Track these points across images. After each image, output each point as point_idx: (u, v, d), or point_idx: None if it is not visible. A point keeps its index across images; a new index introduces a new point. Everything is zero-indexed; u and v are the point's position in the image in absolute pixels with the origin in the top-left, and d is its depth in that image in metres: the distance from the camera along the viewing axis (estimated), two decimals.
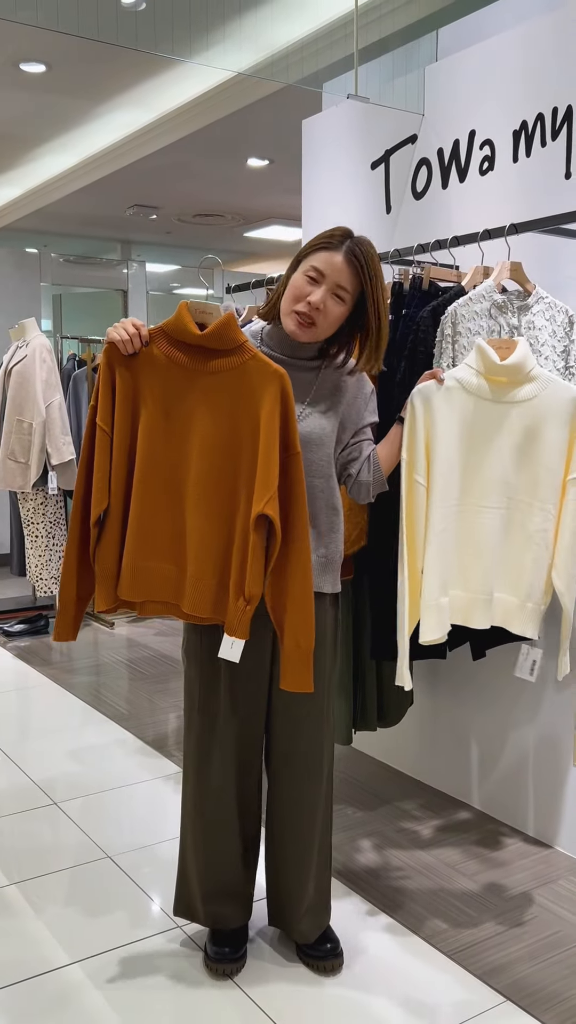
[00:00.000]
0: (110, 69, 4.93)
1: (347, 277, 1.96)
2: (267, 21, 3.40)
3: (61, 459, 5.01)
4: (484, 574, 2.15)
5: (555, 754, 2.80)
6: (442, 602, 2.13)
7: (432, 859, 2.74)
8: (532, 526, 2.12)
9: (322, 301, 1.96)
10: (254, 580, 1.90)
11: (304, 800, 2.17)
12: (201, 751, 2.15)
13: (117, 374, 1.95)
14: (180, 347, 1.94)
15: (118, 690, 4.33)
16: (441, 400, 2.10)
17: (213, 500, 1.94)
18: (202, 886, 2.19)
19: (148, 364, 1.95)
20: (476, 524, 2.14)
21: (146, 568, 1.98)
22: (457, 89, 3.03)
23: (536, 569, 2.13)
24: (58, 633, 2.06)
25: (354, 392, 2.12)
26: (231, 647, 1.94)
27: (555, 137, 2.70)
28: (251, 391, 1.90)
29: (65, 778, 3.32)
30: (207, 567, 1.95)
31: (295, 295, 1.99)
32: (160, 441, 1.95)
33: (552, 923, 2.41)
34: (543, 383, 2.10)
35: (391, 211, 3.32)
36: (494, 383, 2.10)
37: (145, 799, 3.16)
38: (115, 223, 8.39)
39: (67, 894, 2.54)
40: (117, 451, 1.96)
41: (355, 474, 2.12)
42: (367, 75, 3.35)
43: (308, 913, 2.21)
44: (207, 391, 1.93)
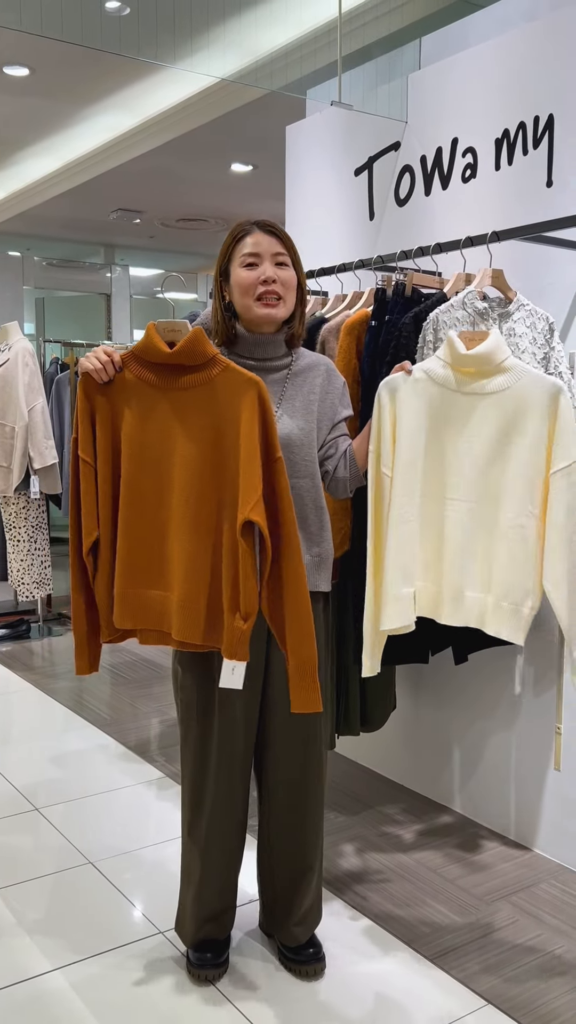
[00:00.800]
0: (94, 73, 4.93)
1: (277, 244, 2.04)
2: (251, 27, 3.41)
3: (44, 463, 5.00)
4: (451, 568, 2.08)
5: (536, 758, 2.82)
6: (402, 593, 2.08)
7: (414, 863, 2.75)
8: (505, 521, 2.02)
9: (274, 272, 2.01)
10: (248, 594, 1.87)
11: (305, 805, 2.16)
12: (199, 762, 2.12)
13: (95, 403, 1.96)
14: (152, 368, 1.94)
15: (100, 695, 4.32)
16: (408, 391, 2.08)
17: (197, 520, 1.91)
18: (199, 909, 2.18)
19: (123, 389, 1.95)
20: (442, 516, 2.09)
21: (134, 595, 1.97)
22: (440, 97, 3.05)
23: (512, 566, 2.01)
24: (78, 667, 2.05)
25: (325, 388, 2.13)
26: (232, 672, 1.88)
27: (536, 146, 2.72)
28: (227, 402, 1.90)
29: (47, 784, 3.30)
30: (196, 590, 1.92)
31: (247, 287, 2.02)
32: (141, 464, 1.94)
33: (533, 926, 2.43)
34: (517, 374, 2.01)
35: (374, 218, 3.34)
36: (461, 373, 2.05)
37: (127, 805, 3.15)
38: (98, 227, 8.38)
39: (49, 900, 2.53)
40: (102, 480, 1.96)
41: (332, 470, 2.13)
42: (351, 82, 3.36)
43: (306, 918, 2.22)
44: (182, 408, 1.92)
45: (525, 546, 2.01)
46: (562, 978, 2.21)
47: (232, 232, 2.07)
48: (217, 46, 3.32)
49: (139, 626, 1.99)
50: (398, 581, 2.09)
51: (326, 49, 3.54)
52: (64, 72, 4.88)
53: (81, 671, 2.05)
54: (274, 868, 2.22)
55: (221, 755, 2.10)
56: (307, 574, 2.00)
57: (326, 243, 3.52)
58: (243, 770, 2.14)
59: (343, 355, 2.57)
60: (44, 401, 5.06)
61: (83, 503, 1.97)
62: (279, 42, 3.54)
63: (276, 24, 3.49)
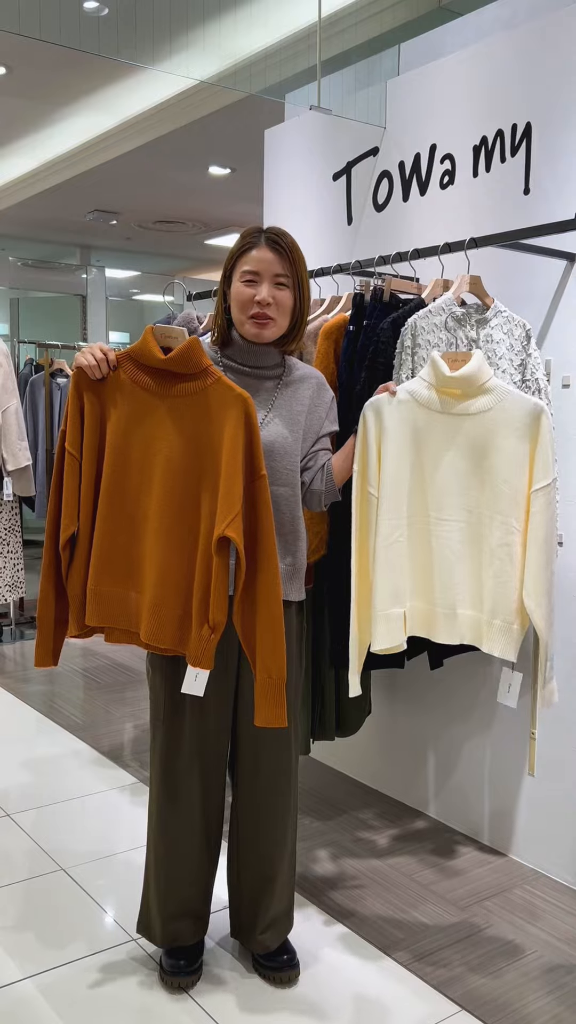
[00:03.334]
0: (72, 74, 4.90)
1: (280, 264, 2.03)
2: (230, 30, 3.40)
3: (17, 465, 4.95)
4: (444, 588, 2.12)
5: (510, 764, 2.83)
6: (391, 612, 2.11)
7: (388, 869, 2.75)
8: (493, 540, 2.07)
9: (269, 295, 2.01)
10: (218, 606, 1.88)
11: (272, 811, 2.16)
12: (167, 761, 2.12)
13: (85, 399, 1.97)
14: (146, 371, 1.95)
15: (73, 700, 4.28)
16: (392, 412, 2.10)
17: (175, 526, 1.93)
18: (163, 905, 2.17)
19: (115, 389, 1.96)
20: (432, 537, 2.12)
21: (106, 594, 1.97)
22: (418, 103, 3.06)
23: (499, 585, 2.06)
24: (39, 658, 2.04)
25: (315, 400, 2.14)
26: (195, 679, 1.91)
27: (514, 153, 2.74)
28: (214, 415, 1.91)
29: (18, 789, 3.27)
30: (168, 595, 1.93)
31: (242, 304, 2.03)
32: (124, 465, 1.95)
33: (507, 932, 2.43)
34: (499, 395, 2.06)
35: (352, 222, 3.34)
36: (446, 395, 2.08)
37: (100, 810, 3.12)
38: (75, 228, 8.33)
39: (20, 907, 2.50)
40: (86, 475, 1.97)
41: (308, 482, 2.14)
42: (329, 87, 3.37)
43: (273, 924, 2.20)
44: (171, 415, 1.93)
45: (512, 564, 2.05)
46: (536, 983, 2.21)
47: (242, 238, 2.06)
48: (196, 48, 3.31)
49: (108, 624, 2.00)
50: (388, 601, 2.11)
51: (305, 53, 3.54)
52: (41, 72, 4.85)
53: (43, 663, 2.04)
54: (241, 873, 2.21)
55: (190, 755, 2.10)
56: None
57: (304, 247, 3.49)
58: (214, 772, 2.14)
59: (320, 359, 2.57)
60: (18, 402, 5.01)
61: (64, 496, 1.97)
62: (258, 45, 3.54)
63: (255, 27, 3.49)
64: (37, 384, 5.64)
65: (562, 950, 2.35)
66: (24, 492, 5.05)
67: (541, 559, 2.03)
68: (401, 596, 2.13)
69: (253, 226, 2.08)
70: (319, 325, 2.65)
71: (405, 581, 2.13)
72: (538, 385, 2.46)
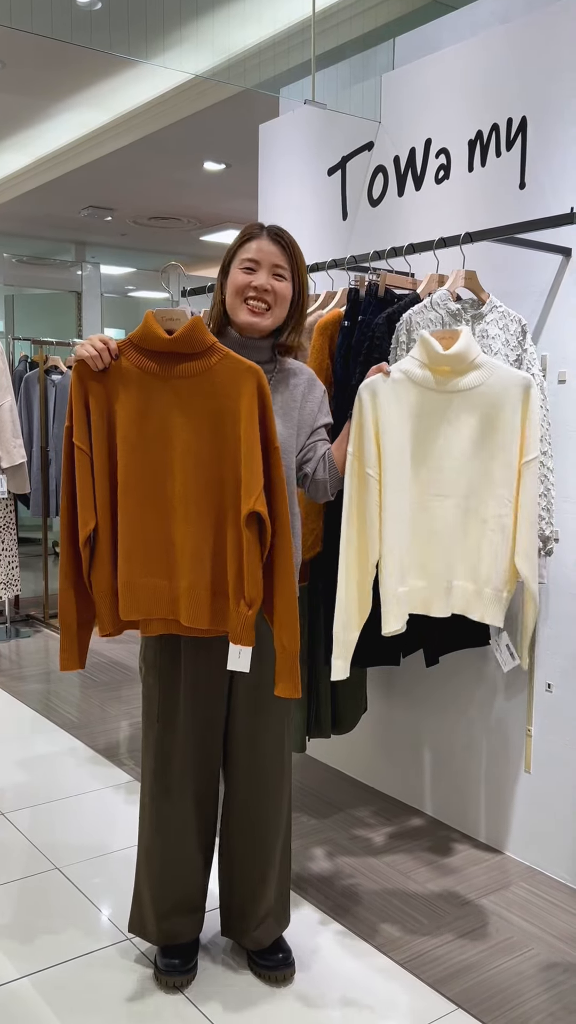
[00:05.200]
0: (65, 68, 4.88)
1: (279, 256, 2.03)
2: (224, 25, 3.38)
3: (12, 462, 4.93)
4: (443, 562, 2.15)
5: (507, 761, 2.82)
6: (400, 592, 2.13)
7: (384, 866, 2.74)
8: (488, 512, 2.12)
9: (267, 282, 2.00)
10: (253, 583, 1.88)
11: (265, 808, 2.15)
12: (160, 759, 2.12)
13: (89, 391, 1.93)
14: (150, 355, 1.92)
15: (69, 698, 4.27)
16: (388, 393, 2.10)
17: (201, 507, 1.91)
18: (157, 903, 2.16)
19: (120, 377, 1.93)
20: (432, 513, 2.14)
21: (140, 585, 1.94)
22: (413, 98, 3.04)
23: (493, 556, 2.12)
24: (64, 662, 2.01)
25: (306, 394, 2.13)
26: (239, 656, 1.91)
27: (509, 148, 2.72)
28: (227, 390, 1.89)
29: (13, 788, 3.26)
30: (201, 577, 1.92)
31: (239, 289, 2.02)
32: (140, 453, 1.92)
33: (503, 929, 2.42)
34: (489, 370, 2.10)
35: (347, 217, 3.33)
36: (439, 373, 2.11)
37: (95, 809, 3.11)
38: (69, 224, 8.30)
39: (15, 906, 2.49)
40: (99, 468, 1.93)
41: (311, 473, 2.13)
42: (324, 81, 3.35)
43: (265, 920, 2.19)
44: (182, 396, 1.91)
45: (504, 535, 2.13)
46: (533, 981, 2.20)
47: (242, 232, 2.06)
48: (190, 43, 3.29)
49: (146, 615, 1.97)
50: (396, 581, 2.13)
51: (300, 48, 3.53)
52: (35, 67, 4.82)
53: (70, 666, 2.01)
54: (234, 870, 2.21)
55: (183, 752, 2.09)
56: None
57: (299, 242, 3.47)
58: (208, 768, 2.13)
59: (315, 355, 2.56)
60: (12, 399, 4.99)
61: (79, 492, 1.93)
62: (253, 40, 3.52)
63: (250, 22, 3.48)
64: (32, 381, 5.63)
65: (558, 948, 2.34)
66: (19, 489, 5.04)
67: (531, 527, 2.13)
68: (405, 576, 2.15)
69: (255, 222, 2.08)
70: (314, 320, 2.63)
71: (407, 559, 2.15)
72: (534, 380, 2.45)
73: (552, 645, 2.67)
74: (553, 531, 2.48)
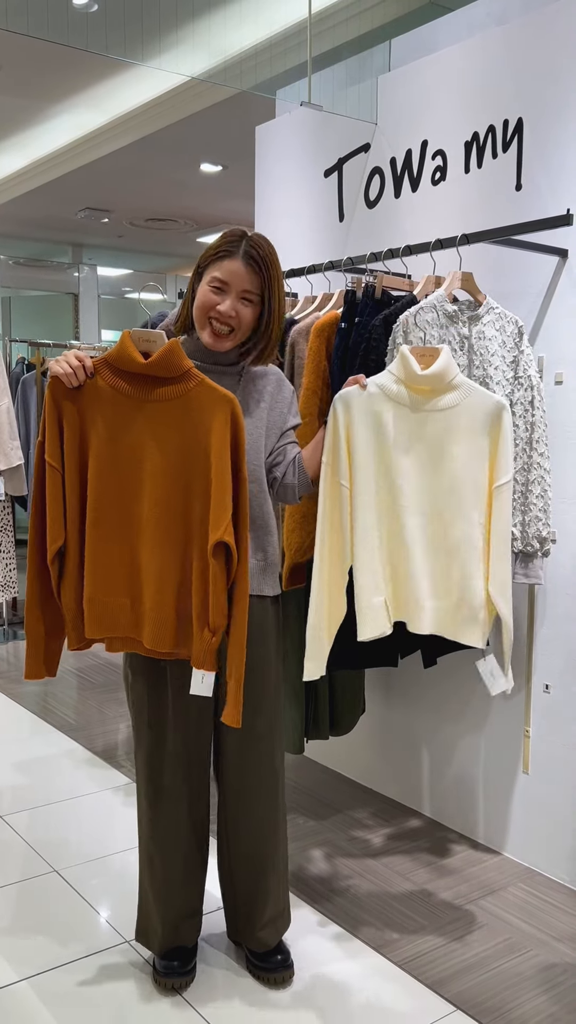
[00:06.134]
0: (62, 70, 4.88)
1: (250, 281, 1.97)
2: (221, 26, 3.38)
3: (9, 464, 4.93)
4: (411, 580, 2.14)
5: (505, 762, 2.82)
6: (375, 601, 2.13)
7: (383, 867, 2.74)
8: (454, 536, 2.12)
9: (232, 308, 1.97)
10: (218, 610, 1.88)
11: (260, 810, 2.15)
12: (152, 765, 2.11)
13: (63, 409, 1.92)
14: (125, 377, 1.91)
15: (67, 700, 4.27)
16: (361, 406, 2.11)
17: (168, 530, 1.91)
18: (164, 911, 2.16)
19: (94, 396, 1.92)
20: (401, 527, 2.14)
21: (104, 603, 1.95)
22: (410, 99, 3.05)
23: (464, 579, 2.12)
24: (29, 669, 2.01)
25: (275, 396, 2.12)
26: (201, 681, 1.91)
27: (506, 149, 2.73)
28: (200, 418, 1.88)
29: (11, 790, 3.25)
30: (165, 599, 1.92)
31: (204, 307, 1.99)
32: (111, 473, 1.92)
33: (502, 930, 2.42)
34: (465, 391, 2.11)
35: (344, 219, 3.33)
36: (415, 391, 2.11)
37: (94, 811, 3.11)
38: (66, 226, 8.30)
39: (14, 909, 2.49)
40: (70, 486, 1.93)
41: (280, 477, 2.12)
42: (320, 83, 3.35)
43: (271, 922, 2.20)
44: (155, 420, 1.90)
45: (475, 555, 2.12)
46: (532, 982, 2.20)
47: (224, 238, 1.99)
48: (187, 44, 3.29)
49: (108, 634, 1.98)
50: (370, 590, 2.13)
51: (296, 49, 3.53)
52: (31, 68, 4.82)
53: (34, 675, 2.01)
54: (233, 873, 2.21)
55: (174, 757, 2.09)
56: (252, 578, 2.04)
57: (296, 244, 3.51)
58: (199, 773, 2.13)
59: (312, 357, 2.56)
60: (10, 402, 4.99)
61: (49, 509, 1.93)
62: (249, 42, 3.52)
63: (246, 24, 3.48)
64: (29, 383, 5.62)
65: (557, 949, 2.35)
66: (16, 491, 5.03)
67: (502, 551, 2.12)
68: (380, 585, 2.15)
69: (237, 229, 2.01)
70: (311, 322, 2.64)
71: (383, 569, 2.15)
72: (531, 382, 2.46)
73: (550, 646, 2.67)
74: (550, 532, 2.48)
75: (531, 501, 2.45)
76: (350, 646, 2.52)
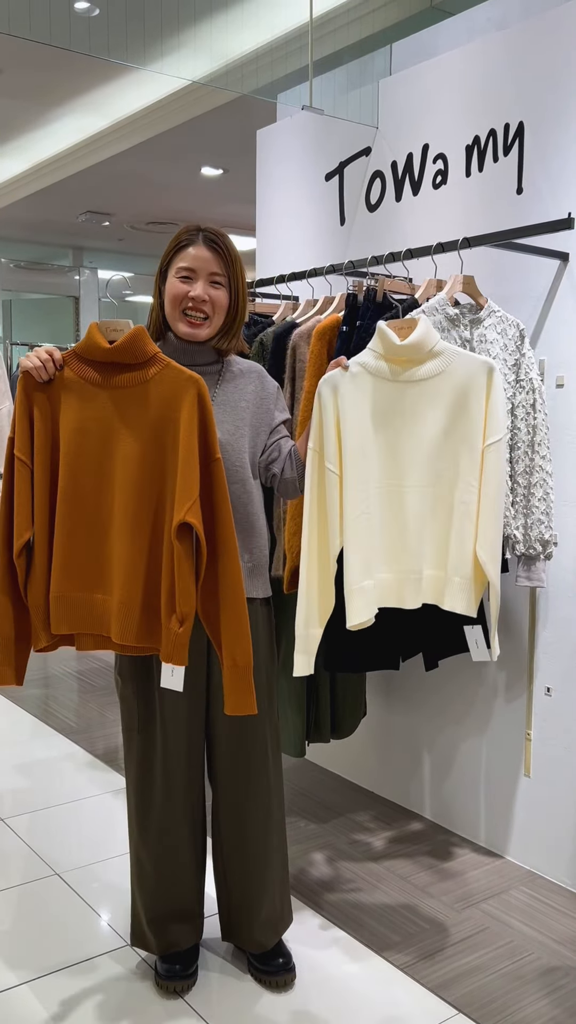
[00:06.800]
0: (63, 74, 4.89)
1: (216, 263, 2.00)
2: (222, 30, 3.39)
3: None
4: (413, 553, 2.13)
5: (506, 765, 2.82)
6: (365, 585, 2.10)
7: (384, 871, 2.74)
8: (456, 498, 2.10)
9: (204, 292, 1.99)
10: (184, 596, 1.83)
11: (253, 811, 2.15)
12: (142, 768, 2.11)
13: (34, 402, 1.92)
14: (92, 365, 1.91)
15: (67, 703, 4.27)
16: (348, 386, 2.09)
17: (140, 520, 1.88)
18: (152, 912, 2.16)
19: (63, 388, 1.92)
20: (400, 504, 2.12)
21: (72, 598, 1.92)
22: (411, 103, 3.05)
23: (460, 541, 2.09)
24: (3, 677, 1.96)
25: (259, 393, 2.12)
26: (171, 675, 1.87)
27: (507, 153, 2.73)
28: (167, 401, 1.87)
29: (12, 793, 3.25)
30: (133, 593, 1.88)
31: (176, 299, 2.00)
32: (80, 464, 1.90)
33: (503, 933, 2.42)
34: (448, 357, 2.08)
35: (345, 223, 3.33)
36: (395, 363, 2.09)
37: (94, 814, 3.11)
38: (67, 229, 8.31)
39: (14, 912, 2.49)
40: (40, 480, 1.91)
41: (279, 473, 2.12)
42: (322, 87, 3.36)
43: (267, 922, 2.19)
44: (122, 407, 1.89)
45: (470, 520, 2.09)
46: (534, 985, 2.20)
47: (178, 236, 2.03)
48: (188, 49, 3.30)
49: (76, 630, 1.94)
50: (360, 574, 2.10)
51: (297, 53, 3.54)
52: (33, 72, 4.84)
53: (6, 681, 1.96)
54: (228, 874, 2.21)
55: (166, 761, 2.09)
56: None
57: (297, 247, 3.52)
58: (192, 776, 2.13)
59: (314, 360, 2.56)
60: (11, 404, 4.98)
61: (16, 503, 1.90)
62: (250, 46, 3.53)
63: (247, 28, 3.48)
64: None
65: (559, 952, 2.34)
66: None
67: (494, 512, 2.08)
68: (370, 569, 2.12)
69: (191, 224, 2.04)
70: (312, 326, 2.64)
71: (374, 553, 2.13)
72: (532, 385, 2.46)
73: (551, 649, 2.67)
74: (552, 535, 2.48)
75: (533, 504, 2.46)
76: (351, 649, 2.52)
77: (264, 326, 2.90)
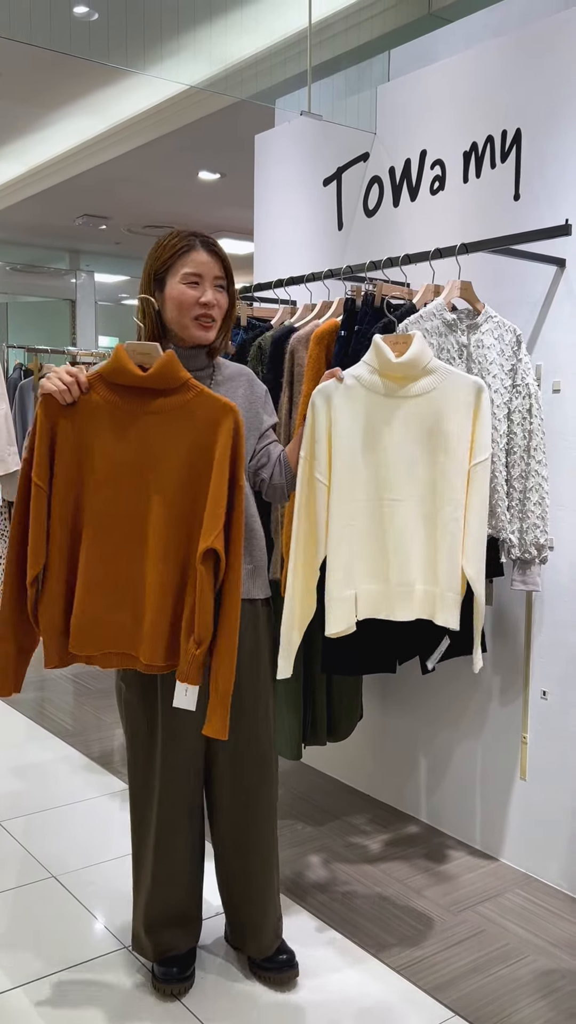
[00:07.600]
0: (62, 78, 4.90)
1: (217, 267, 2.03)
2: (221, 35, 3.41)
3: (7, 469, 4.93)
4: (402, 567, 2.15)
5: (502, 768, 2.83)
6: (346, 595, 2.13)
7: (380, 874, 2.74)
8: (444, 515, 2.13)
9: (213, 298, 2.01)
10: (204, 623, 1.85)
11: (254, 819, 2.15)
12: (145, 775, 2.12)
13: (57, 426, 1.88)
14: (121, 391, 1.89)
15: (63, 705, 4.27)
16: (341, 398, 2.12)
17: (171, 543, 1.88)
18: (153, 917, 2.16)
19: (89, 412, 1.89)
20: (389, 518, 2.14)
21: (102, 620, 1.91)
22: (409, 109, 3.07)
23: (451, 558, 2.12)
24: (1, 688, 1.97)
25: (248, 397, 2.14)
26: (185, 694, 1.87)
27: (504, 159, 2.75)
28: (203, 427, 1.87)
29: (8, 796, 3.25)
30: (163, 614, 1.89)
31: (186, 305, 2.00)
32: (111, 488, 1.89)
33: (499, 936, 2.43)
34: (441, 375, 2.12)
35: (343, 228, 3.35)
36: (390, 379, 2.12)
37: (90, 817, 3.11)
38: (64, 232, 8.32)
39: (10, 915, 2.49)
40: (60, 504, 1.89)
41: (267, 478, 2.14)
42: (320, 92, 3.37)
43: (271, 929, 2.20)
44: (156, 432, 1.88)
45: (458, 537, 2.13)
46: (529, 988, 2.21)
47: (173, 242, 2.02)
48: (187, 53, 3.31)
49: (103, 650, 1.94)
50: (341, 584, 2.12)
51: (296, 59, 3.55)
52: (31, 76, 4.84)
53: (3, 692, 1.97)
54: (230, 882, 2.21)
55: (166, 769, 2.09)
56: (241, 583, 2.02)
57: (294, 252, 3.53)
58: (193, 783, 2.13)
59: (312, 364, 2.57)
60: (7, 407, 4.99)
61: (32, 531, 1.87)
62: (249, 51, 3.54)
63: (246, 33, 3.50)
64: (26, 389, 5.63)
65: (554, 954, 2.35)
66: (13, 497, 5.03)
67: (479, 529, 2.13)
68: (352, 579, 2.14)
69: (183, 229, 2.05)
70: (311, 330, 2.65)
71: (358, 564, 2.15)
72: (528, 390, 2.47)
73: (547, 652, 2.68)
74: (548, 539, 2.49)
75: (529, 508, 2.47)
76: (349, 651, 2.53)
77: (262, 330, 2.91)
